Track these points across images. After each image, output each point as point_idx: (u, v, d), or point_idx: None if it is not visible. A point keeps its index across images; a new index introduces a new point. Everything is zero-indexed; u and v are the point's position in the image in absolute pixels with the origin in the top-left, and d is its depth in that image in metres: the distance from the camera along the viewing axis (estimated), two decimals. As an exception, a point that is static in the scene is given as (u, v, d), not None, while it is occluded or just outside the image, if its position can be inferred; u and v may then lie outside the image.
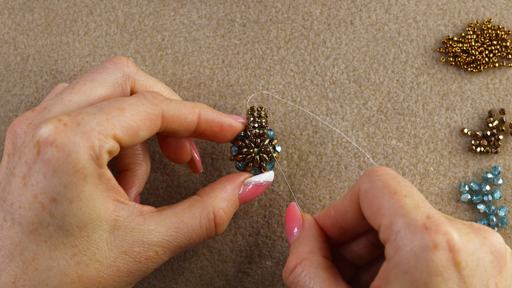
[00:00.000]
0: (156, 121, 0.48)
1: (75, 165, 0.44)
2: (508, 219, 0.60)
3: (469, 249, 0.42)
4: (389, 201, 0.44)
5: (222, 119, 0.53)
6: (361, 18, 0.63)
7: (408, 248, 0.41)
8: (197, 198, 0.52)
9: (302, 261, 0.48)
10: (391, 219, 0.43)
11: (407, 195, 0.44)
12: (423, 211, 0.43)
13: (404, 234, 0.42)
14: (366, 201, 0.45)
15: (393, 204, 0.43)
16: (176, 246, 0.50)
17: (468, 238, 0.42)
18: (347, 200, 0.48)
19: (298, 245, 0.50)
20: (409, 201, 0.43)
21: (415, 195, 0.44)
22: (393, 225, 0.43)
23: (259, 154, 0.56)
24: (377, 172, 0.46)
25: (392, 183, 0.45)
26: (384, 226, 0.43)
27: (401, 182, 0.45)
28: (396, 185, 0.44)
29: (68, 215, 0.45)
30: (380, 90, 0.62)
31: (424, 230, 0.41)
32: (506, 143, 0.61)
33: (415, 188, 0.45)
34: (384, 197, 0.44)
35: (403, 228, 0.42)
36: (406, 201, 0.43)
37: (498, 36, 0.62)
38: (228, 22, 0.64)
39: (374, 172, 0.46)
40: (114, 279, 0.48)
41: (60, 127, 0.45)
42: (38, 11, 0.64)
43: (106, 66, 0.53)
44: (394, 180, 0.45)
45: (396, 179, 0.45)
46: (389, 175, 0.46)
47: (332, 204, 0.50)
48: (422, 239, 0.41)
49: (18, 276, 0.46)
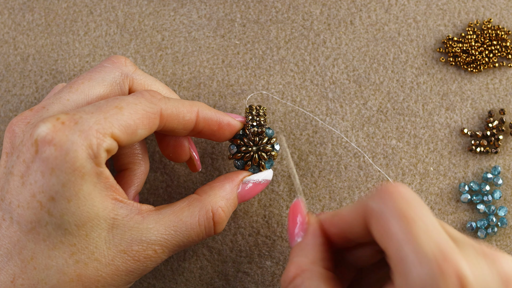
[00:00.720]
0: (154, 119, 0.48)
1: (73, 163, 0.44)
2: (508, 219, 0.60)
3: (479, 280, 0.41)
4: (398, 226, 0.42)
5: (221, 117, 0.53)
6: (361, 18, 0.63)
7: (417, 278, 0.40)
8: (196, 196, 0.52)
9: (302, 272, 0.46)
10: (399, 246, 0.41)
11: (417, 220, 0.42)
12: (432, 239, 0.41)
13: (412, 263, 0.40)
14: (375, 222, 0.44)
15: (402, 229, 0.42)
16: (175, 245, 0.50)
17: (478, 267, 0.41)
18: (354, 214, 0.46)
19: (299, 253, 0.48)
20: (418, 227, 0.41)
21: (426, 218, 0.42)
22: (401, 253, 0.41)
23: (258, 152, 0.56)
24: (388, 190, 0.44)
25: (403, 205, 0.43)
26: (392, 253, 0.42)
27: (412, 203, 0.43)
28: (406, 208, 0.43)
29: (66, 213, 0.45)
30: (380, 90, 0.62)
31: (433, 261, 0.40)
32: (506, 143, 0.61)
33: (426, 208, 0.43)
34: (392, 221, 0.42)
35: (411, 257, 0.41)
36: (416, 228, 0.41)
37: (498, 36, 0.62)
38: (228, 22, 0.64)
39: (385, 191, 0.44)
40: (112, 277, 0.48)
41: (58, 126, 0.45)
42: (38, 11, 0.64)
43: (104, 65, 0.53)
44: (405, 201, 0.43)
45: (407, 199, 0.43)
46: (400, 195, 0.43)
47: (338, 212, 0.48)
48: (431, 270, 0.40)
49: (17, 275, 0.46)
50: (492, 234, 0.59)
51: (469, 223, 0.60)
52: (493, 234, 0.59)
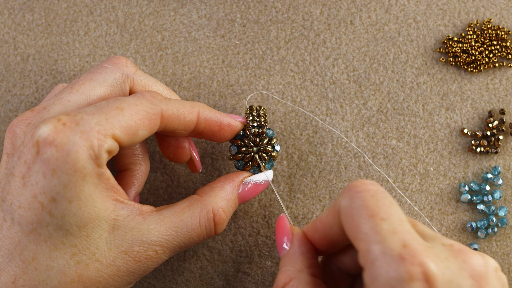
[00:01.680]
0: (155, 120, 0.48)
1: (74, 164, 0.44)
2: (508, 219, 0.60)
3: (447, 277, 0.41)
4: (366, 224, 0.42)
5: (221, 118, 0.53)
6: (361, 18, 0.63)
7: (384, 279, 0.40)
8: (197, 197, 0.52)
9: (290, 281, 0.47)
10: (367, 246, 0.42)
11: (385, 217, 0.42)
12: (399, 237, 0.41)
13: (380, 264, 0.41)
14: (345, 220, 0.44)
15: (370, 228, 0.42)
16: (175, 246, 0.50)
17: (446, 264, 0.41)
18: (330, 215, 0.47)
19: (287, 262, 0.49)
20: (386, 225, 0.42)
21: (393, 216, 0.43)
22: (369, 253, 0.42)
23: (258, 153, 0.56)
24: (357, 188, 0.44)
25: (371, 202, 0.43)
26: (362, 252, 0.42)
27: (380, 201, 0.43)
28: (374, 206, 0.43)
29: (67, 214, 0.45)
30: (380, 90, 0.62)
31: (399, 260, 0.40)
32: (506, 143, 0.61)
33: (395, 205, 0.44)
34: (361, 219, 0.43)
35: (379, 257, 0.41)
36: (383, 226, 0.42)
37: (498, 36, 0.62)
38: (228, 22, 0.64)
39: (354, 188, 0.45)
40: (113, 278, 0.48)
41: (59, 126, 0.45)
42: (38, 11, 0.64)
43: (105, 66, 0.53)
44: (373, 198, 0.43)
45: (375, 197, 0.44)
46: (369, 192, 0.44)
47: (318, 217, 0.49)
48: (397, 270, 0.40)
49: (18, 276, 0.46)
50: (492, 234, 0.60)
51: (469, 223, 0.60)
52: (493, 234, 0.59)
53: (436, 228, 0.60)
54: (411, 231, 0.42)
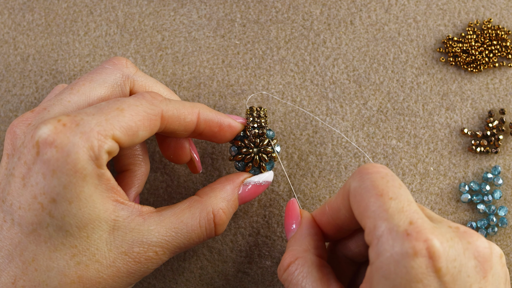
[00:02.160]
0: (155, 121, 0.48)
1: (74, 165, 0.44)
2: (508, 219, 0.60)
3: (451, 255, 0.42)
4: (375, 203, 0.43)
5: (222, 119, 0.53)
6: (361, 18, 0.63)
7: (389, 254, 0.41)
8: (197, 198, 0.52)
9: (296, 260, 0.48)
10: (374, 223, 0.43)
11: (393, 197, 0.43)
12: (406, 215, 0.42)
13: (386, 240, 0.42)
14: (355, 200, 0.45)
15: (378, 206, 0.43)
16: (175, 246, 0.50)
17: (451, 243, 0.42)
18: (340, 198, 0.48)
19: (294, 242, 0.51)
20: (394, 204, 0.43)
21: (402, 197, 0.44)
22: (376, 229, 0.43)
23: (259, 154, 0.56)
24: (368, 170, 0.46)
25: (381, 183, 0.44)
26: (368, 229, 0.43)
27: (390, 182, 0.44)
28: (383, 186, 0.44)
29: (67, 215, 0.45)
30: (380, 90, 0.62)
31: (405, 236, 0.41)
32: (506, 143, 0.61)
33: (404, 188, 0.45)
34: (370, 198, 0.44)
35: (385, 233, 0.42)
36: (391, 205, 0.43)
37: (498, 36, 0.62)
38: (228, 22, 0.64)
39: (364, 170, 0.46)
40: (114, 279, 0.48)
41: (59, 127, 0.45)
42: (38, 11, 0.64)
43: (105, 67, 0.53)
44: (383, 180, 0.45)
45: (386, 178, 0.45)
46: (379, 174, 0.45)
47: (327, 201, 0.50)
48: (402, 245, 0.41)
49: (18, 277, 0.46)
50: (492, 234, 0.60)
51: (469, 223, 0.60)
52: (493, 234, 0.59)
53: (436, 228, 0.60)
54: (418, 211, 0.43)
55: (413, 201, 0.44)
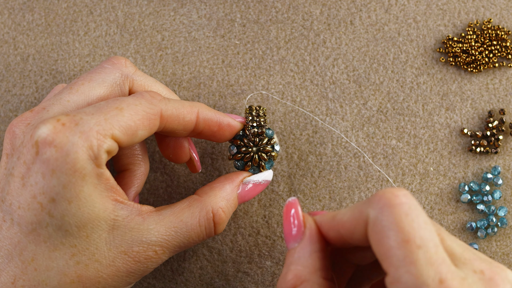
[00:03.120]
0: (154, 120, 0.48)
1: (73, 165, 0.44)
2: (508, 219, 0.60)
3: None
4: (400, 250, 0.39)
5: (221, 118, 0.53)
6: (361, 18, 0.63)
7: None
8: (196, 197, 0.52)
9: (302, 283, 0.44)
10: (400, 274, 0.39)
11: (420, 245, 0.39)
12: (435, 270, 0.39)
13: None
14: (375, 237, 0.41)
15: (404, 256, 0.39)
16: (175, 246, 0.50)
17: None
18: (354, 221, 0.43)
19: (297, 260, 0.45)
20: (422, 255, 0.39)
21: (429, 242, 0.40)
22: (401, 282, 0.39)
23: (258, 153, 0.56)
24: (390, 201, 0.41)
25: (406, 223, 0.40)
26: (392, 278, 0.40)
27: (415, 221, 0.40)
28: (409, 228, 0.40)
29: (67, 215, 0.45)
30: (380, 90, 0.62)
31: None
32: (506, 143, 0.61)
33: (429, 226, 0.41)
34: (394, 243, 0.40)
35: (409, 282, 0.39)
36: (419, 256, 0.39)
37: (498, 36, 0.62)
38: (228, 22, 0.64)
39: (386, 201, 0.41)
40: (113, 279, 0.48)
41: (59, 127, 0.45)
42: (38, 11, 0.64)
43: (105, 66, 0.53)
44: (408, 218, 0.40)
45: (410, 216, 0.40)
46: (402, 209, 0.40)
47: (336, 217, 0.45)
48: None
49: (18, 277, 0.46)
50: (492, 234, 0.60)
51: (469, 223, 0.60)
52: (493, 234, 0.59)
53: (436, 228, 0.60)
54: (446, 259, 0.40)
55: (439, 243, 0.40)
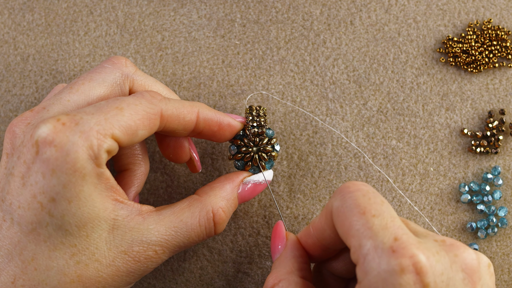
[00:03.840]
0: (154, 120, 0.48)
1: (73, 164, 0.44)
2: (508, 220, 0.60)
3: (438, 269, 0.42)
4: (358, 221, 0.43)
5: (221, 118, 0.53)
6: (361, 18, 0.63)
7: (376, 272, 0.41)
8: (196, 197, 0.52)
9: (279, 282, 0.48)
10: (359, 241, 0.42)
11: (376, 214, 0.43)
12: (391, 232, 0.42)
13: (372, 258, 0.41)
14: (338, 220, 0.45)
15: (362, 225, 0.43)
16: (175, 245, 0.50)
17: (437, 258, 0.42)
18: (323, 218, 0.47)
19: (278, 264, 0.50)
20: (377, 221, 0.43)
21: (385, 213, 0.43)
22: (362, 248, 0.42)
23: (258, 153, 0.56)
24: (349, 188, 0.45)
25: (362, 201, 0.44)
26: (353, 248, 0.43)
27: (372, 199, 0.44)
28: (366, 204, 0.44)
29: (67, 214, 0.45)
30: (380, 90, 0.62)
31: (390, 253, 0.41)
32: (506, 144, 0.61)
33: (386, 204, 0.44)
34: (353, 217, 0.43)
35: (370, 251, 0.42)
36: (375, 222, 0.43)
37: (498, 36, 0.62)
38: (228, 22, 0.64)
39: (345, 189, 0.45)
40: (113, 278, 0.48)
41: (59, 126, 0.45)
42: (38, 11, 0.64)
43: (105, 66, 0.53)
44: (365, 197, 0.44)
45: (367, 196, 0.44)
46: (360, 192, 0.45)
47: (311, 222, 0.50)
48: (388, 262, 0.41)
49: (18, 276, 0.46)
50: (492, 235, 0.60)
51: (469, 224, 0.60)
52: (493, 234, 0.59)
53: (436, 228, 0.60)
54: (403, 227, 0.43)
55: (396, 216, 0.44)
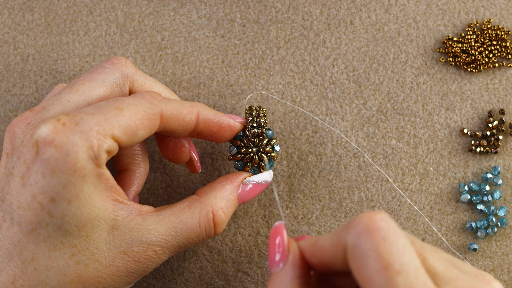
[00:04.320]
0: (154, 120, 0.48)
1: (73, 164, 0.44)
2: (507, 219, 0.60)
3: None
4: (380, 278, 0.39)
5: (221, 118, 0.53)
6: (361, 18, 0.63)
7: None
8: (196, 197, 0.52)
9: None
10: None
11: (400, 270, 0.39)
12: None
13: None
14: (354, 264, 0.40)
15: (384, 283, 0.39)
16: (175, 246, 0.50)
17: None
18: (334, 248, 0.43)
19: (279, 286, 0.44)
20: (401, 280, 0.38)
21: (409, 267, 0.39)
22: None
23: (258, 153, 0.56)
24: (367, 226, 0.40)
25: (384, 249, 0.39)
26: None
27: (393, 246, 0.39)
28: (388, 254, 0.39)
29: (67, 215, 0.45)
30: (380, 90, 0.62)
31: None
32: (505, 143, 0.61)
33: (408, 248, 0.40)
34: (374, 270, 0.39)
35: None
36: (399, 282, 0.38)
37: (498, 36, 0.62)
38: (228, 22, 0.64)
39: (363, 226, 0.40)
40: (113, 278, 0.48)
41: (59, 127, 0.45)
42: (38, 11, 0.64)
43: (105, 66, 0.53)
44: (386, 243, 0.39)
45: (388, 240, 0.39)
46: (380, 234, 0.40)
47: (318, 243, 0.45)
48: None
49: (17, 276, 0.46)
50: (492, 234, 0.60)
51: (469, 223, 0.60)
52: (492, 234, 0.59)
53: (436, 228, 0.60)
54: (427, 283, 0.39)
55: (419, 265, 0.40)
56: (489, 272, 0.59)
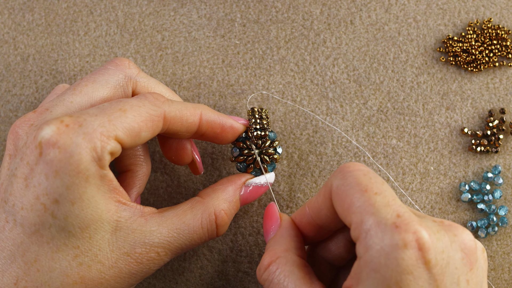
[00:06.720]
0: (157, 122, 0.48)
1: (77, 166, 0.44)
2: (508, 219, 0.60)
3: (439, 247, 0.42)
4: (360, 198, 0.44)
5: (224, 120, 0.53)
6: (361, 18, 0.63)
7: (378, 246, 0.42)
8: (199, 199, 0.53)
9: (277, 259, 0.48)
10: (361, 217, 0.43)
11: (378, 192, 0.44)
12: (393, 209, 0.43)
13: (374, 233, 0.42)
14: (338, 198, 0.45)
15: (363, 202, 0.43)
16: (177, 247, 0.50)
17: (438, 236, 0.43)
18: (321, 197, 0.48)
19: (274, 243, 0.50)
20: (379, 199, 0.43)
21: (386, 192, 0.44)
22: (363, 224, 0.43)
23: (260, 155, 0.56)
24: (349, 168, 0.46)
25: (364, 180, 0.45)
26: (355, 224, 0.43)
27: (373, 179, 0.45)
28: (367, 182, 0.44)
29: (70, 216, 0.45)
30: (380, 89, 0.62)
31: (394, 228, 0.42)
32: (506, 143, 0.61)
33: (386, 185, 0.45)
34: (355, 194, 0.44)
35: (373, 227, 0.42)
36: (377, 199, 0.43)
37: (498, 35, 0.62)
38: (228, 22, 0.64)
39: (346, 168, 0.46)
40: (116, 280, 0.48)
41: (62, 128, 0.45)
42: (38, 11, 0.64)
43: (108, 68, 0.53)
44: (366, 176, 0.45)
45: (368, 175, 0.45)
46: (361, 171, 0.45)
47: (307, 202, 0.51)
48: (392, 237, 0.41)
49: (20, 278, 0.46)
50: (493, 234, 0.60)
51: (470, 223, 0.60)
52: (493, 233, 0.60)
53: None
54: (403, 206, 0.44)
55: (396, 197, 0.44)
56: (489, 272, 0.60)
